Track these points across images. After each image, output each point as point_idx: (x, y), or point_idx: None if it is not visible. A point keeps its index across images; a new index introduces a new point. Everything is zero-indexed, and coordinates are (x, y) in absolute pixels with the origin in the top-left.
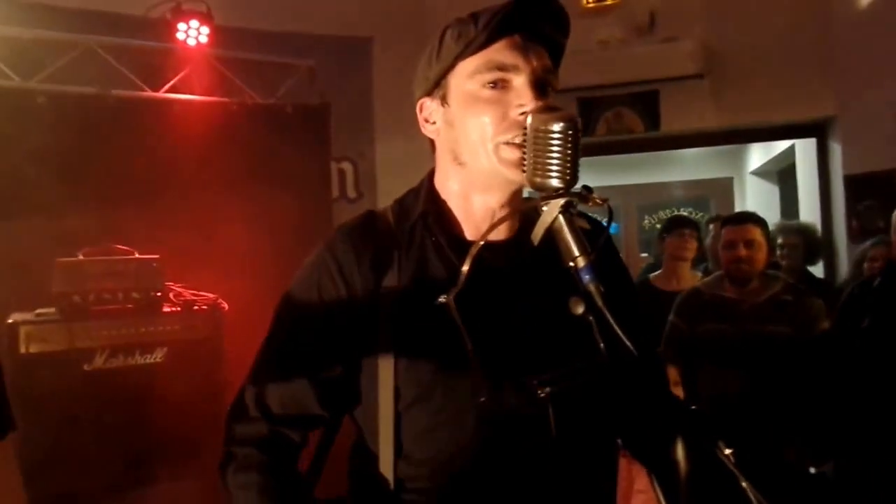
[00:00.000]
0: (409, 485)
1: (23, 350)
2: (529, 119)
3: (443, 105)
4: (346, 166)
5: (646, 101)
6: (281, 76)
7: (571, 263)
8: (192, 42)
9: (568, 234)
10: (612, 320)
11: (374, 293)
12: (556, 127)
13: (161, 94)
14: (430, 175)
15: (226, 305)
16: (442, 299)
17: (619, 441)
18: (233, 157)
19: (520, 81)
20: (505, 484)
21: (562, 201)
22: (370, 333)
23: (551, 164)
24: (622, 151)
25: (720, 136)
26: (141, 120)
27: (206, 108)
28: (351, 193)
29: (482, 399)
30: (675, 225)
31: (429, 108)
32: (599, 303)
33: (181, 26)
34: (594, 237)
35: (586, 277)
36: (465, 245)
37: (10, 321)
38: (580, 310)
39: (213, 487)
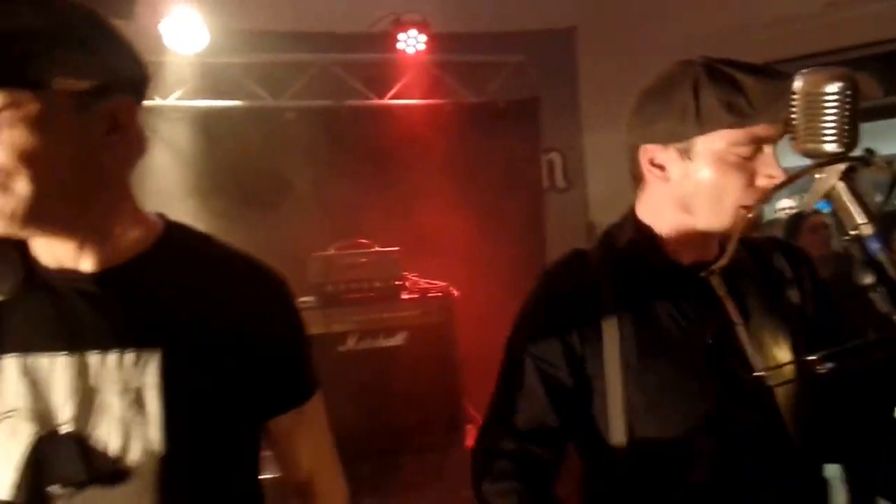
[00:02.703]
0: (642, 496)
1: None
2: (799, 82)
3: (682, 158)
4: (555, 157)
5: (886, 63)
6: (491, 74)
7: (853, 232)
8: (411, 51)
9: (849, 200)
10: None
11: (594, 321)
12: (832, 88)
13: (386, 101)
14: (633, 211)
15: (456, 292)
16: (704, 274)
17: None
18: (452, 154)
19: (768, 150)
20: (743, 494)
21: (842, 167)
22: (594, 361)
23: (826, 128)
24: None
25: None
26: (371, 126)
27: (426, 110)
28: (560, 184)
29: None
30: None
31: (660, 157)
32: (892, 272)
33: (401, 36)
34: (759, 254)
35: (875, 246)
36: (676, 265)
37: None
38: (868, 280)
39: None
